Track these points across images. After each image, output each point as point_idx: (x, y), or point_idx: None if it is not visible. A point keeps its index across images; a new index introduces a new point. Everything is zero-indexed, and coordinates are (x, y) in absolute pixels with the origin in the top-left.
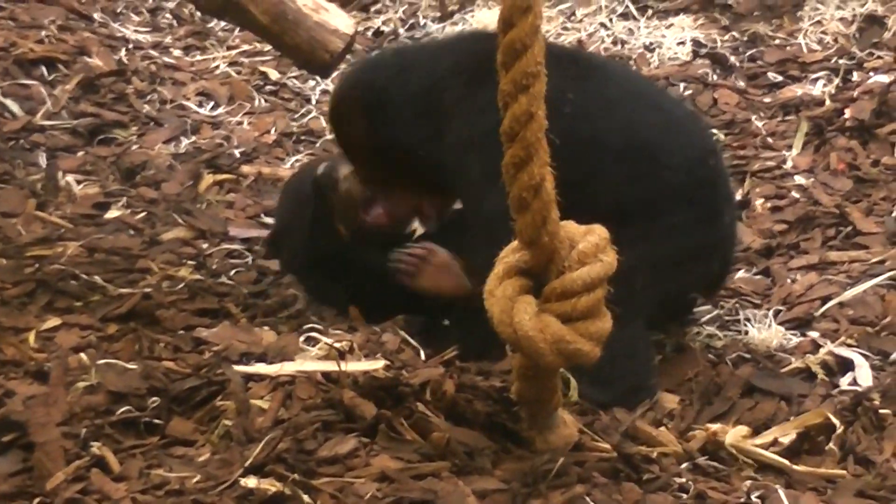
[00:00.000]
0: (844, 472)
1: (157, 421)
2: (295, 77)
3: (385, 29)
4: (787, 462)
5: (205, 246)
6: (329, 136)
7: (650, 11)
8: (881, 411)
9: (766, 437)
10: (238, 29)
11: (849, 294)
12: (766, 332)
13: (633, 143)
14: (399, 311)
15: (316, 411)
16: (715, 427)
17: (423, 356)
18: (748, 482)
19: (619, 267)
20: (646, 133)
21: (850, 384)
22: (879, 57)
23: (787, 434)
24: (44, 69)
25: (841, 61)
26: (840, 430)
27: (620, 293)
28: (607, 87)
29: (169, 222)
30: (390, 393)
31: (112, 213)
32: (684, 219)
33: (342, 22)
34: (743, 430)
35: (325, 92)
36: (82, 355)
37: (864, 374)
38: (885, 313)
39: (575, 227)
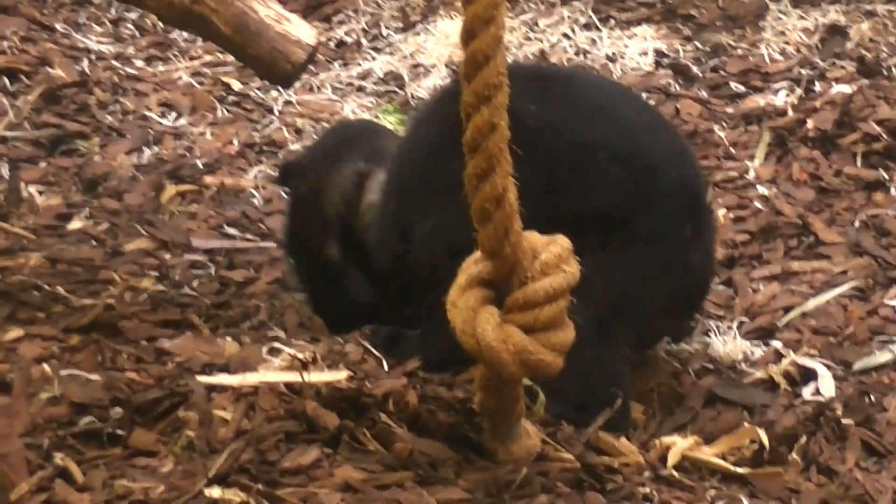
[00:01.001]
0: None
1: (119, 432)
2: (257, 88)
3: (348, 40)
4: (731, 468)
5: (167, 257)
6: (293, 147)
7: (612, 22)
8: (843, 421)
9: (727, 446)
10: (200, 40)
11: (811, 304)
12: (729, 342)
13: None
14: (366, 320)
15: (279, 422)
16: (667, 441)
17: (386, 367)
18: (712, 492)
19: (601, 282)
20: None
21: (812, 394)
22: (842, 67)
23: (744, 444)
24: (6, 80)
25: (803, 72)
26: (803, 440)
27: (602, 307)
28: (589, 95)
29: (131, 233)
30: (353, 404)
31: (74, 224)
32: (659, 230)
33: (304, 33)
34: (692, 440)
35: (287, 103)
36: (45, 366)
37: (826, 385)
38: (848, 323)
39: (537, 237)
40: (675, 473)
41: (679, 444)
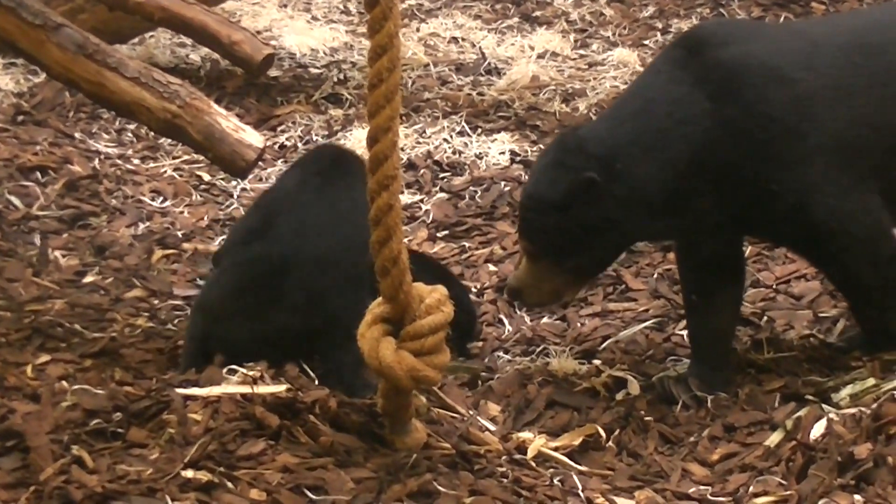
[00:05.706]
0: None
1: (119, 430)
2: (221, 178)
3: (287, 143)
4: (568, 461)
5: (156, 302)
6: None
7: (480, 130)
8: (646, 418)
9: (564, 439)
10: (180, 144)
11: (623, 334)
12: (563, 361)
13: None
14: None
15: (236, 422)
16: (523, 436)
17: (315, 381)
18: (551, 470)
19: None
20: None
21: (623, 398)
22: None
23: (577, 440)
24: (38, 174)
25: None
26: (617, 432)
27: None
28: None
29: (130, 285)
30: (290, 408)
31: (88, 279)
32: None
33: (255, 139)
34: (543, 438)
35: (243, 189)
36: (65, 382)
37: (634, 391)
38: (649, 347)
39: (423, 287)
40: (526, 458)
41: (536, 442)
